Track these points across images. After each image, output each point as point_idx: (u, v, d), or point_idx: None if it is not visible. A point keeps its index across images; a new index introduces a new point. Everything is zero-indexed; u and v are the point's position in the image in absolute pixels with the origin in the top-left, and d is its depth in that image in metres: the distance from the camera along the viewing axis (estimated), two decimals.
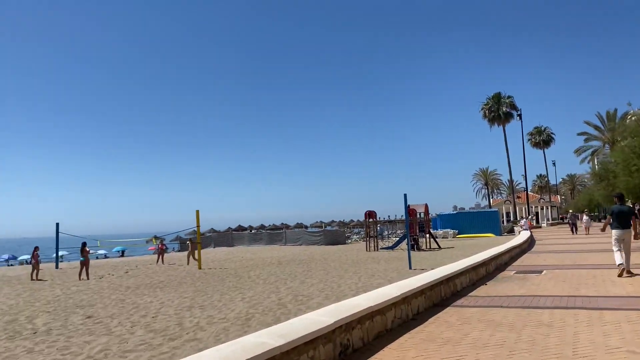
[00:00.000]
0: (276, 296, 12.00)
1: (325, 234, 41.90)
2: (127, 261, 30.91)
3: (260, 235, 45.64)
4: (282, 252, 32.03)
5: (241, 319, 9.03)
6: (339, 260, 23.74)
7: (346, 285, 13.68)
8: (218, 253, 34.58)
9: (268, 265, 22.27)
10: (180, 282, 16.51)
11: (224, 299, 11.98)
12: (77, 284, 17.04)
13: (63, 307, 11.81)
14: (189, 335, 7.83)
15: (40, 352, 7.21)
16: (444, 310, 7.35)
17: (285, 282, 15.02)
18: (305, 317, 4.55)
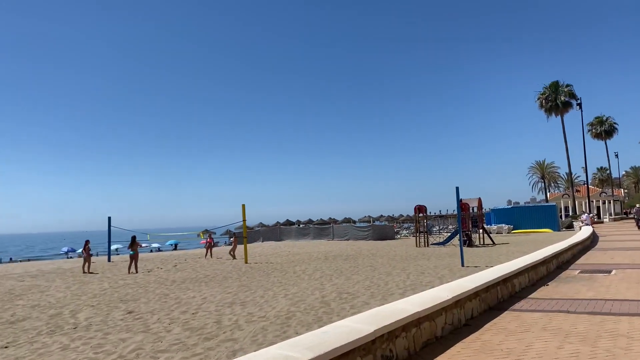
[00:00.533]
0: (320, 293, 11.52)
1: (373, 229, 41.15)
2: (178, 255, 31.37)
3: (307, 230, 45.41)
4: (329, 247, 31.60)
5: (281, 318, 8.60)
6: (387, 256, 23.03)
7: (394, 282, 13.03)
8: (265, 247, 34.57)
9: (314, 260, 21.86)
10: (225, 277, 16.35)
11: (267, 295, 11.62)
12: (125, 278, 17.20)
13: (107, 301, 11.80)
14: (226, 335, 7.46)
15: (74, 349, 7.02)
16: (501, 315, 6.61)
17: (330, 279, 14.53)
18: (341, 324, 4.00)
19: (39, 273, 20.19)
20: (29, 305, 11.66)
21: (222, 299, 11.40)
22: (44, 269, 22.26)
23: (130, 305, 11.16)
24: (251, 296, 11.67)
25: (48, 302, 11.95)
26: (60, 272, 20.24)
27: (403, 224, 61.88)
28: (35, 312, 10.57)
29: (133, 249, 20.28)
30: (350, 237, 40.83)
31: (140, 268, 20.95)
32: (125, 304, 11.27)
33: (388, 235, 41.62)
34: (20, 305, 11.68)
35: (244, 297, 11.61)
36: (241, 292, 12.37)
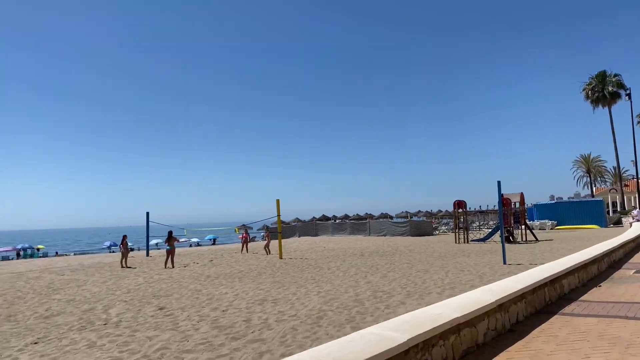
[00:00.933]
0: (354, 291, 11.12)
1: (411, 225, 40.37)
2: (215, 249, 31.57)
3: (343, 225, 45.01)
4: (366, 243, 31.11)
5: (312, 317, 8.25)
6: (425, 252, 22.40)
7: (431, 281, 12.49)
8: (301, 242, 34.40)
9: (350, 256, 21.47)
10: (259, 273, 16.16)
11: (299, 293, 11.31)
12: (161, 273, 17.27)
13: (140, 297, 11.75)
14: (254, 335, 7.17)
15: (100, 347, 6.88)
16: (550, 320, 6.04)
17: (365, 276, 14.10)
18: (370, 331, 3.59)
19: (79, 267, 20.58)
20: (64, 299, 11.74)
21: (254, 296, 11.16)
22: (85, 263, 22.72)
23: (162, 301, 11.06)
24: (283, 293, 11.38)
25: (83, 297, 12.01)
26: (99, 267, 20.57)
27: (442, 220, 60.67)
28: (69, 307, 10.60)
29: (170, 244, 20.40)
30: (387, 232, 40.21)
31: (177, 263, 21.07)
32: (157, 300, 11.19)
33: (426, 231, 40.81)
34: (57, 299, 11.77)
35: (276, 294, 11.34)
36: (273, 289, 12.11)
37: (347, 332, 7.02)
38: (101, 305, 10.72)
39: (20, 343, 7.47)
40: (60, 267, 20.85)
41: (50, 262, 24.44)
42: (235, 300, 10.63)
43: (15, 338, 7.85)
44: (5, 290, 13.59)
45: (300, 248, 28.45)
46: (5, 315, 9.93)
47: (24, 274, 17.90)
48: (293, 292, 11.40)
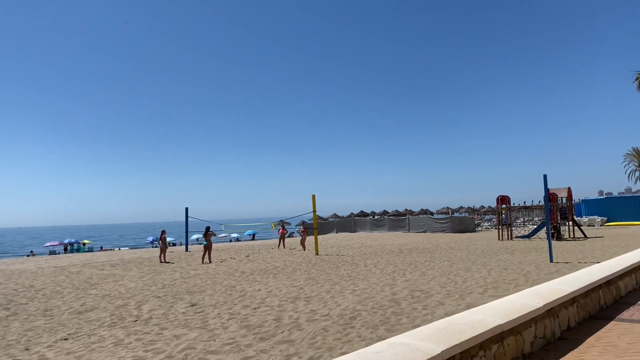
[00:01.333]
0: (390, 290, 10.67)
1: (452, 221, 39.34)
2: (252, 245, 31.60)
3: (382, 222, 44.34)
4: (405, 240, 30.44)
5: (345, 318, 7.87)
6: (466, 249, 21.62)
7: (473, 280, 11.90)
8: (339, 239, 34.03)
9: (387, 253, 20.94)
10: (294, 269, 15.91)
11: (334, 291, 10.95)
12: (197, 268, 17.26)
13: (174, 293, 11.67)
14: (283, 335, 6.85)
15: (126, 345, 6.73)
16: (606, 327, 5.44)
17: (403, 274, 13.61)
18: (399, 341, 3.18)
19: (119, 262, 20.89)
20: (100, 294, 11.79)
21: (287, 293, 10.88)
22: (125, 258, 23.07)
23: (195, 297, 10.93)
24: (317, 291, 11.06)
25: (119, 292, 12.04)
26: (139, 262, 20.81)
27: (484, 216, 59.08)
28: (104, 303, 10.61)
29: (207, 239, 20.43)
30: (428, 229, 39.34)
31: (214, 258, 21.10)
32: (190, 296, 11.07)
33: (468, 227, 39.69)
34: (93, 294, 11.84)
35: (309, 291, 11.02)
36: (307, 286, 11.80)
37: (381, 335, 6.62)
38: (134, 301, 10.68)
39: (51, 339, 7.43)
40: (102, 262, 21.23)
41: (92, 257, 24.99)
42: (268, 298, 10.38)
43: (47, 333, 7.84)
44: (46, 284, 13.83)
45: (337, 244, 28.10)
46: (42, 310, 10.02)
47: (66, 269, 18.27)
48: (327, 290, 11.05)
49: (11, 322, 8.89)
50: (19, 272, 17.26)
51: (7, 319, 9.21)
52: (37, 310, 9.97)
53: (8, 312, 9.97)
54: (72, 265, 19.61)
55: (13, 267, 19.95)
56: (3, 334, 7.99)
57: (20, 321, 8.98)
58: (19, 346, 7.08)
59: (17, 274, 16.66)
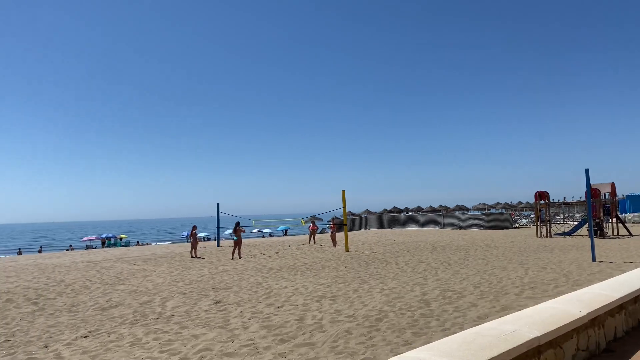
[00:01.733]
0: (421, 290, 10.22)
1: (488, 217, 38.27)
2: (283, 240, 31.47)
3: (416, 218, 43.57)
4: (439, 236, 29.73)
5: (371, 319, 7.49)
6: (503, 247, 20.85)
7: (509, 279, 11.31)
8: (371, 235, 33.55)
9: (420, 250, 20.39)
10: (323, 266, 15.60)
11: (362, 290, 10.58)
12: (226, 264, 17.17)
13: (200, 289, 11.54)
14: (303, 338, 6.53)
15: (142, 345, 6.54)
16: None
17: (435, 272, 13.11)
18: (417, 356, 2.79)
19: (151, 257, 21.05)
20: (127, 290, 11.77)
21: (313, 291, 10.58)
22: (158, 253, 23.27)
23: (220, 294, 10.76)
24: (344, 289, 10.71)
25: (145, 288, 12.00)
26: (170, 257, 20.93)
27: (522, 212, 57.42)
28: (129, 299, 10.55)
29: (236, 234, 20.34)
30: (463, 225, 38.41)
31: (244, 254, 21.04)
32: (216, 293, 10.91)
33: (505, 224, 38.56)
34: (120, 290, 11.83)
35: (336, 290, 10.68)
36: (335, 284, 11.47)
37: (407, 339, 6.23)
38: (160, 297, 10.59)
39: (72, 336, 7.35)
40: (134, 256, 21.45)
41: (126, 252, 25.33)
42: (293, 296, 10.10)
43: (69, 330, 7.77)
44: (76, 279, 13.96)
45: (368, 241, 27.65)
46: (68, 305, 10.02)
47: (99, 263, 18.50)
48: (354, 289, 10.69)
49: (37, 318, 8.90)
50: (53, 267, 17.57)
51: (34, 314, 9.24)
52: (63, 306, 9.99)
53: (36, 306, 10.02)
54: (105, 260, 19.86)
55: (49, 261, 20.38)
56: (27, 329, 7.97)
57: (46, 316, 8.98)
58: (39, 343, 7.00)
59: (51, 268, 16.95)
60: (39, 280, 13.77)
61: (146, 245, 44.84)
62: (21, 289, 12.31)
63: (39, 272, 15.85)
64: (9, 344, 7.03)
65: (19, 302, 10.59)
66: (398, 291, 10.20)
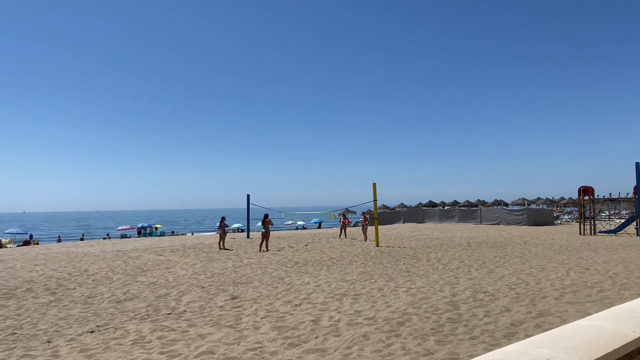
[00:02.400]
0: (451, 290, 9.53)
1: (528, 213, 36.74)
2: (314, 233, 31.01)
3: (452, 212, 42.32)
4: (475, 232, 28.65)
5: (392, 323, 6.89)
6: (542, 244, 19.75)
7: (548, 280, 10.46)
8: (404, 229, 32.69)
9: (454, 246, 19.54)
10: (351, 261, 15.03)
11: (387, 288, 9.96)
12: (252, 257, 16.82)
13: (220, 283, 11.18)
14: (316, 342, 6.00)
15: (145, 344, 6.16)
16: None
17: (468, 271, 12.36)
18: None
19: (180, 247, 20.97)
20: (147, 282, 11.53)
21: (335, 288, 10.04)
22: (187, 244, 23.22)
23: (239, 289, 10.36)
24: (368, 287, 10.12)
25: (166, 280, 11.73)
26: (199, 248, 20.78)
27: (564, 208, 55.17)
28: (147, 291, 10.28)
29: (264, 227, 19.99)
30: (501, 221, 37.04)
31: (274, 246, 20.70)
32: (235, 287, 10.51)
33: (546, 220, 36.95)
34: (139, 282, 11.60)
35: (360, 287, 10.11)
36: (359, 282, 10.89)
37: (429, 347, 5.61)
38: (177, 291, 10.27)
39: (78, 330, 7.07)
40: (163, 247, 21.43)
41: (157, 242, 25.43)
42: (314, 293, 9.59)
43: (78, 324, 7.50)
44: (100, 269, 13.87)
45: (401, 235, 26.87)
46: (85, 297, 9.83)
47: (127, 253, 18.49)
48: (379, 287, 10.09)
49: (50, 309, 8.70)
50: (82, 256, 17.65)
51: (49, 305, 9.05)
52: (80, 297, 9.79)
53: (53, 297, 9.87)
54: (134, 250, 19.88)
55: (80, 249, 20.57)
56: (36, 321, 7.76)
57: (60, 308, 8.78)
58: (44, 337, 6.74)
59: (79, 257, 17.01)
60: (63, 270, 13.74)
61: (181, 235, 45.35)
62: (44, 278, 12.27)
63: (67, 261, 15.90)
64: (14, 337, 6.79)
65: (38, 291, 10.48)
66: (426, 291, 9.54)
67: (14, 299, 9.77)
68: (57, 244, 28.20)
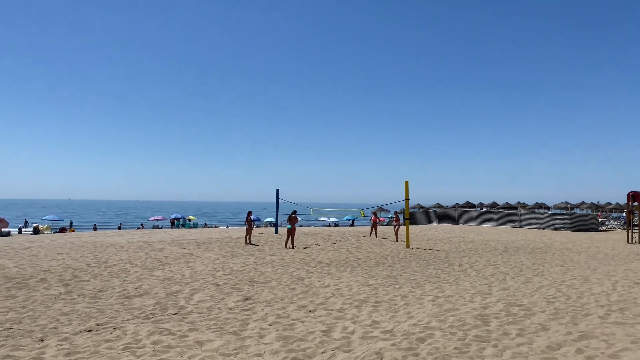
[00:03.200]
0: (482, 301, 8.69)
1: (571, 217, 34.94)
2: (344, 231, 30.29)
3: (490, 214, 40.75)
4: (513, 236, 27.33)
5: (410, 339, 6.16)
6: (586, 252, 18.46)
7: (591, 295, 9.46)
8: (439, 230, 31.59)
9: (490, 251, 18.49)
10: (377, 263, 14.30)
11: (412, 296, 9.22)
12: (275, 253, 16.30)
13: (236, 281, 10.68)
14: (322, 358, 5.36)
15: (136, 350, 5.65)
16: None
17: (503, 279, 11.46)
18: None
19: (207, 241, 20.70)
20: (162, 277, 11.16)
21: (356, 293, 9.37)
22: (215, 237, 22.95)
23: (255, 288, 9.83)
24: (392, 294, 9.39)
25: (182, 276, 11.33)
26: (225, 242, 20.46)
27: (610, 214, 52.49)
28: (159, 287, 9.87)
29: (290, 223, 19.42)
30: (542, 225, 35.38)
31: (302, 242, 20.20)
32: (250, 287, 9.98)
33: (590, 226, 35.04)
34: (155, 276, 11.24)
35: (383, 293, 9.39)
36: (383, 286, 10.17)
37: None
38: (190, 288, 9.82)
39: (76, 328, 6.67)
40: (190, 239, 21.23)
41: (186, 234, 25.32)
42: (332, 297, 8.95)
43: (79, 321, 7.11)
44: (120, 260, 13.64)
45: (435, 236, 25.86)
46: (96, 290, 9.50)
47: (152, 245, 18.32)
48: (404, 295, 9.34)
49: (57, 302, 8.37)
50: (107, 246, 17.57)
51: (57, 298, 8.75)
52: (91, 290, 9.47)
53: (65, 289, 9.59)
54: (160, 242, 19.73)
55: (107, 239, 20.59)
56: (38, 315, 7.42)
57: (67, 301, 8.45)
58: (39, 334, 6.35)
59: (104, 247, 16.91)
60: (83, 260, 13.57)
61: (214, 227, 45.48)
62: (62, 268, 12.08)
63: (90, 251, 15.80)
64: (8, 333, 6.42)
65: (51, 282, 10.24)
66: (454, 301, 8.74)
67: (25, 289, 9.54)
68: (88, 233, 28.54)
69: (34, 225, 39.85)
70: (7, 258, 13.81)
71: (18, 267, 12.17)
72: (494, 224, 38.57)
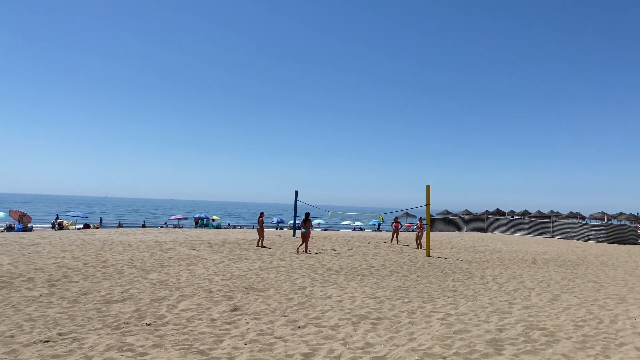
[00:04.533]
0: (498, 322, 7.65)
1: (607, 229, 33.01)
2: (365, 236, 29.30)
3: (521, 223, 39.01)
4: (544, 247, 25.80)
5: None
6: (623, 267, 17.02)
7: (628, 319, 8.28)
8: (465, 238, 30.23)
9: (517, 262, 17.24)
10: (391, 272, 13.31)
11: (420, 312, 8.24)
12: (284, 258, 15.47)
13: (231, 288, 9.90)
14: None
15: None
16: None
17: (528, 295, 10.34)
18: None
19: (220, 242, 20.10)
20: (155, 280, 10.47)
21: (358, 307, 8.44)
22: (229, 238, 22.35)
23: (249, 297, 9.02)
24: (398, 308, 8.43)
25: (176, 280, 10.63)
26: (238, 243, 19.80)
27: None
28: (146, 292, 9.16)
29: (305, 226, 18.57)
30: (576, 236, 33.58)
31: (316, 247, 19.37)
32: (244, 295, 9.18)
33: (628, 238, 33.05)
34: (148, 279, 10.57)
35: (387, 308, 8.44)
36: (390, 300, 9.21)
37: None
38: (179, 294, 9.07)
39: (34, 337, 5.98)
40: (203, 240, 20.66)
41: (201, 234, 24.80)
42: (330, 311, 8.05)
43: (40, 329, 6.41)
44: (119, 261, 13.06)
45: (459, 245, 24.59)
46: (77, 294, 8.84)
47: (163, 245, 17.80)
48: (411, 310, 8.36)
49: (29, 306, 7.74)
50: (116, 244, 17.11)
51: (33, 301, 8.13)
52: (74, 293, 8.83)
53: (48, 290, 9.00)
54: (172, 242, 19.21)
55: (119, 237, 20.19)
56: (1, 321, 6.77)
57: (41, 305, 7.82)
58: None
59: (112, 246, 16.46)
60: (83, 259, 13.05)
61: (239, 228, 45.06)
62: (56, 267, 11.56)
63: (96, 249, 15.33)
64: None
65: (37, 282, 9.67)
66: (467, 320, 7.72)
67: (6, 289, 8.98)
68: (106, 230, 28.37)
69: (59, 221, 40.22)
70: (7, 255, 13.42)
71: (12, 264, 11.71)
72: (525, 233, 36.89)
